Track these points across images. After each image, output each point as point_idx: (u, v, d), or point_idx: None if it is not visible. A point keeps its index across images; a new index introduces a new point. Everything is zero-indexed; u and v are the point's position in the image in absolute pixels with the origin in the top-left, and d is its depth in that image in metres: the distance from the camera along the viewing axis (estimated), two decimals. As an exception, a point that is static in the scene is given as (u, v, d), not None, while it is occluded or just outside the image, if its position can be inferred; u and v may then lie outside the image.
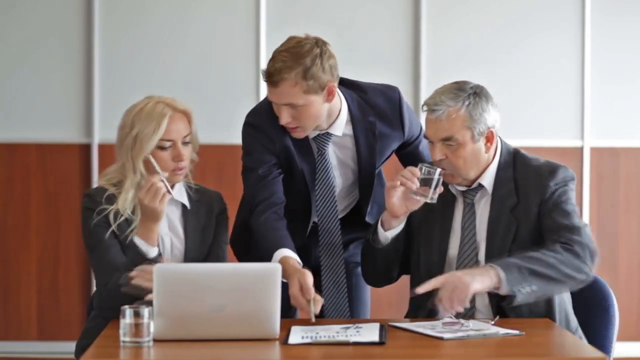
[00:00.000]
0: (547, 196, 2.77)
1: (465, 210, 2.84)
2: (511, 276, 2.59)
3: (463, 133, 2.75)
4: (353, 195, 3.18)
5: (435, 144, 2.78)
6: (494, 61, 5.08)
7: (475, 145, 2.77)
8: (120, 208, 2.83)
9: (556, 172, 2.79)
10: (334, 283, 3.09)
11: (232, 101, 4.97)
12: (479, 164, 2.80)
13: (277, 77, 2.85)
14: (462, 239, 2.82)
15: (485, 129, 2.77)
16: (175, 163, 2.84)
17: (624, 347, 4.97)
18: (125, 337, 2.35)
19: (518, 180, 2.81)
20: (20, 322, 5.08)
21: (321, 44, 2.91)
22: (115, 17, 5.04)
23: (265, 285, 2.42)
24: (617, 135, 5.16)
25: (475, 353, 2.35)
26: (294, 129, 2.94)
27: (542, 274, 2.63)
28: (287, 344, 2.40)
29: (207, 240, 2.93)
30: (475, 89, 2.78)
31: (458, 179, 2.81)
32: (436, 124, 2.76)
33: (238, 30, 5.07)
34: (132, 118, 2.85)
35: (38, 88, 5.03)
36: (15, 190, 5.07)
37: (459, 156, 2.76)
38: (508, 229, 2.77)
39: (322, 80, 2.88)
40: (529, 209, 2.78)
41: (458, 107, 2.74)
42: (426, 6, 5.08)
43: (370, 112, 3.05)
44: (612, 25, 5.14)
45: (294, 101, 2.88)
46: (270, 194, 2.98)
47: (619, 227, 5.11)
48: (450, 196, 2.86)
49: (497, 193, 2.81)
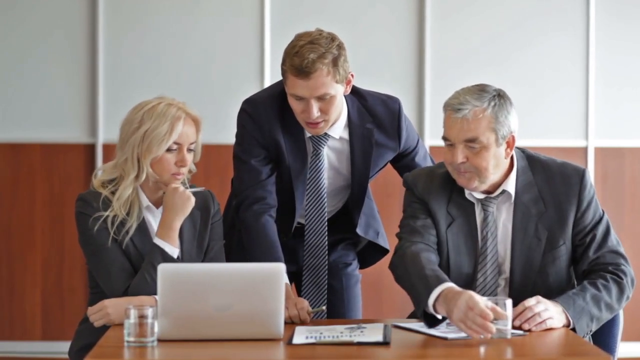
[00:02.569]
0: (583, 208, 2.75)
1: (485, 217, 2.77)
2: (580, 324, 2.61)
3: (488, 135, 2.67)
4: (341, 200, 3.18)
5: (456, 146, 2.69)
6: (498, 62, 5.08)
7: (498, 150, 2.70)
8: (116, 211, 2.80)
9: (585, 177, 2.76)
10: (314, 284, 3.11)
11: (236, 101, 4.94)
12: (500, 170, 2.73)
13: (312, 67, 2.83)
14: (482, 246, 2.76)
15: (508, 133, 2.70)
16: (177, 168, 2.81)
17: (629, 347, 4.97)
18: (129, 337, 2.35)
19: (541, 185, 2.76)
20: (24, 322, 5.09)
21: (336, 36, 2.93)
22: (119, 17, 5.05)
23: (269, 285, 2.42)
24: (622, 135, 5.16)
25: (478, 353, 2.35)
26: (317, 124, 2.92)
27: (602, 318, 2.66)
28: (291, 344, 2.40)
29: (203, 246, 2.90)
30: (498, 91, 2.72)
31: (475, 183, 2.72)
32: (461, 124, 2.66)
33: (243, 31, 5.07)
34: (142, 115, 2.81)
35: (43, 88, 5.04)
36: (20, 190, 5.08)
37: (483, 159, 2.68)
38: (538, 238, 2.74)
39: (347, 70, 2.90)
40: (563, 217, 2.74)
41: (484, 107, 2.67)
42: (430, 9, 5.07)
43: (369, 120, 3.05)
44: (616, 27, 5.14)
45: (328, 90, 2.86)
46: (266, 195, 3.00)
47: (624, 226, 5.11)
48: (469, 204, 2.79)
49: (519, 199, 2.75)
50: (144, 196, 2.85)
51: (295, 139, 3.01)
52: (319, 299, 3.11)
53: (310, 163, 3.04)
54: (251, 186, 3.01)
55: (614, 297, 2.68)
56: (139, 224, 2.81)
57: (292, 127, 2.99)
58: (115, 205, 2.79)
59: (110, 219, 2.79)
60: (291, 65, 2.86)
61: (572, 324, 2.59)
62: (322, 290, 3.11)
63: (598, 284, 2.67)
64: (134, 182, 2.82)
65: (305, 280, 3.12)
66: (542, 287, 2.73)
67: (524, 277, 2.74)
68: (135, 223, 2.80)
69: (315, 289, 3.11)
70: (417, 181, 2.84)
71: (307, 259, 3.10)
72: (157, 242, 2.77)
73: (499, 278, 2.76)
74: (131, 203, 2.82)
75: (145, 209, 2.85)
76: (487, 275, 2.76)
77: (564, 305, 2.60)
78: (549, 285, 2.74)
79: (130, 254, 2.79)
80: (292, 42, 2.90)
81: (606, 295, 2.66)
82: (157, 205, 2.87)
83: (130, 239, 2.79)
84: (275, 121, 2.97)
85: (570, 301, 2.62)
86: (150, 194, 2.86)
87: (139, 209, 2.82)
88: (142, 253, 2.79)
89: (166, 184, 2.82)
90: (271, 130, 2.99)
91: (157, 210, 2.86)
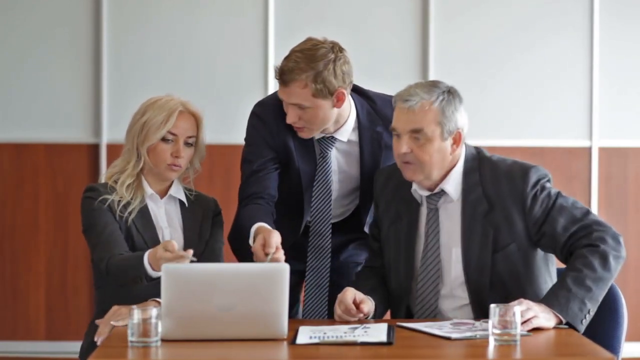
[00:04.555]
0: (528, 205, 2.73)
1: (429, 215, 2.81)
2: (571, 313, 2.60)
3: (433, 128, 2.72)
4: (352, 202, 3.18)
5: (402, 136, 2.74)
6: (502, 63, 5.07)
7: (443, 144, 2.74)
8: (120, 195, 2.88)
9: (528, 175, 2.75)
10: (316, 286, 3.11)
11: (240, 102, 4.97)
12: (443, 165, 2.77)
13: (288, 76, 2.87)
14: (425, 244, 2.80)
15: (454, 129, 2.74)
16: (172, 158, 2.89)
17: (633, 348, 4.97)
18: (133, 337, 2.35)
19: (486, 185, 2.77)
20: (28, 322, 5.09)
21: (337, 50, 2.92)
22: (123, 18, 5.05)
23: (273, 285, 2.42)
24: (626, 135, 5.16)
25: (482, 353, 2.35)
26: (300, 128, 2.97)
27: (594, 295, 2.63)
28: (294, 344, 2.40)
29: (204, 235, 2.97)
30: (449, 88, 2.78)
31: (420, 176, 2.76)
32: (407, 114, 2.72)
33: (247, 32, 5.07)
34: (145, 107, 2.93)
35: (47, 88, 5.05)
36: (24, 190, 5.08)
37: (426, 151, 2.72)
38: (485, 236, 2.75)
39: (332, 86, 2.89)
40: (509, 216, 2.74)
41: (432, 101, 2.72)
42: (434, 11, 5.08)
43: (379, 123, 3.06)
44: (620, 28, 5.14)
45: (302, 102, 2.89)
46: (262, 189, 3.01)
47: (628, 227, 5.10)
48: (415, 202, 2.84)
49: (466, 199, 2.78)
50: (147, 185, 2.94)
51: (304, 141, 3.02)
52: (320, 300, 3.12)
53: (317, 166, 3.05)
54: (249, 184, 3.02)
55: (598, 269, 2.65)
56: (141, 208, 2.90)
57: None
58: (119, 190, 2.89)
59: (116, 203, 2.88)
60: (276, 66, 2.94)
61: (563, 318, 2.59)
62: (323, 292, 3.12)
63: (576, 264, 2.66)
64: (134, 169, 2.91)
65: (308, 282, 3.13)
66: (499, 286, 2.74)
67: (479, 276, 2.75)
68: (138, 206, 2.89)
69: (317, 290, 3.12)
70: (377, 179, 2.96)
71: (311, 261, 3.11)
72: (145, 259, 2.72)
73: (439, 277, 2.78)
74: (135, 189, 2.91)
75: (148, 197, 2.94)
76: (429, 272, 2.78)
77: (547, 302, 2.60)
78: (505, 285, 2.75)
79: (132, 234, 2.87)
80: (297, 44, 2.93)
81: (588, 271, 2.64)
82: (162, 195, 2.96)
83: (132, 221, 2.88)
84: (285, 123, 2.98)
85: (553, 296, 2.62)
86: (154, 185, 2.96)
87: (142, 195, 2.92)
88: (143, 235, 2.88)
89: (163, 175, 2.91)
90: (280, 133, 3.00)
91: (160, 200, 2.95)
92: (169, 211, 2.96)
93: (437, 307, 2.79)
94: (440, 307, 2.80)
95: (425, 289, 2.80)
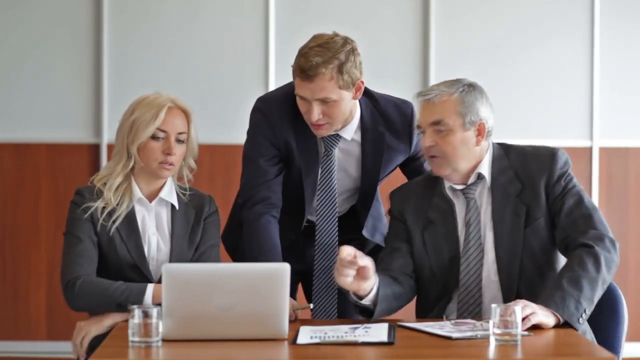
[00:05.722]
0: (554, 180, 2.78)
1: (468, 206, 2.81)
2: (567, 311, 2.60)
3: (454, 118, 2.75)
4: (348, 202, 3.17)
5: (425, 131, 2.77)
6: (503, 63, 5.07)
7: (466, 134, 2.76)
8: (107, 201, 2.84)
9: (557, 154, 2.81)
10: (325, 286, 3.10)
11: (240, 102, 4.97)
12: (470, 155, 2.79)
13: (314, 71, 2.85)
14: (466, 235, 2.80)
15: (477, 119, 2.77)
16: (164, 156, 2.84)
17: (633, 348, 4.96)
18: (134, 337, 2.35)
19: (517, 167, 2.81)
20: (29, 322, 5.09)
21: (350, 41, 2.93)
22: (124, 18, 5.05)
23: (273, 285, 2.42)
24: (626, 135, 5.16)
25: (483, 353, 2.35)
26: (321, 125, 2.93)
27: (590, 295, 2.64)
28: (295, 343, 2.40)
29: (194, 242, 2.92)
30: (472, 83, 2.82)
31: (447, 169, 2.78)
32: (427, 107, 2.76)
33: (247, 32, 5.07)
34: (133, 106, 2.89)
35: (48, 88, 5.05)
36: (25, 190, 5.08)
37: (449, 143, 2.75)
38: (517, 215, 2.77)
39: (355, 76, 2.90)
40: (537, 193, 2.78)
41: (451, 92, 2.76)
42: (435, 11, 5.07)
43: (381, 123, 3.05)
44: (620, 28, 5.14)
45: (329, 95, 2.87)
46: (270, 195, 3.00)
47: (629, 227, 5.10)
48: (447, 203, 2.84)
49: (496, 182, 2.81)
50: (137, 188, 2.89)
51: (307, 138, 3.01)
52: (330, 300, 3.10)
53: (321, 163, 3.04)
54: (257, 185, 3.01)
55: (591, 270, 2.66)
56: (127, 214, 2.85)
57: (305, 127, 2.99)
58: (106, 194, 2.85)
59: (99, 210, 2.84)
60: (297, 65, 2.88)
61: (560, 317, 2.59)
62: (332, 292, 3.10)
63: (573, 265, 2.68)
64: (123, 170, 2.87)
65: (316, 284, 3.10)
66: (529, 264, 2.76)
67: (510, 255, 2.77)
68: (123, 213, 2.85)
69: (326, 292, 3.10)
70: (393, 196, 2.95)
71: (319, 260, 3.09)
72: (147, 292, 2.73)
73: (482, 261, 2.79)
74: (123, 192, 2.86)
75: (137, 201, 2.88)
76: (470, 261, 2.79)
77: (545, 303, 2.61)
78: (536, 261, 2.77)
79: (116, 243, 2.83)
80: (306, 42, 2.93)
81: (582, 271, 2.65)
82: (151, 198, 2.90)
83: (116, 229, 2.84)
84: (287, 120, 2.98)
85: (549, 297, 2.62)
86: (145, 187, 2.90)
87: (130, 199, 2.86)
88: (127, 244, 2.84)
89: (156, 174, 2.86)
90: (283, 129, 3.00)
91: (149, 204, 2.89)
92: (159, 215, 2.90)
93: (480, 297, 2.79)
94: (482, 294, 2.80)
95: (468, 277, 2.80)
